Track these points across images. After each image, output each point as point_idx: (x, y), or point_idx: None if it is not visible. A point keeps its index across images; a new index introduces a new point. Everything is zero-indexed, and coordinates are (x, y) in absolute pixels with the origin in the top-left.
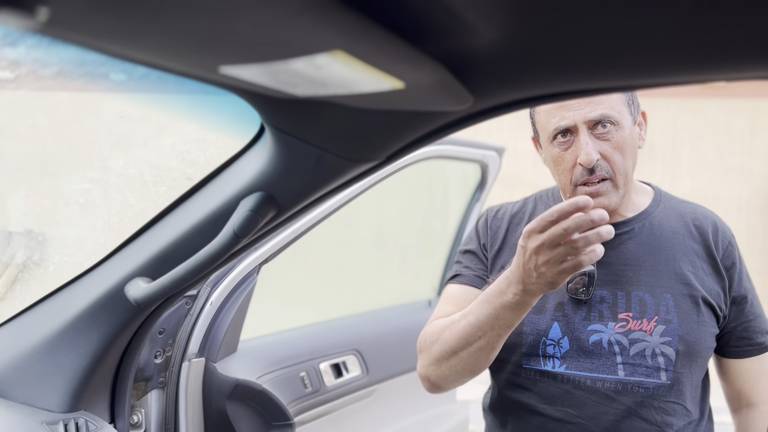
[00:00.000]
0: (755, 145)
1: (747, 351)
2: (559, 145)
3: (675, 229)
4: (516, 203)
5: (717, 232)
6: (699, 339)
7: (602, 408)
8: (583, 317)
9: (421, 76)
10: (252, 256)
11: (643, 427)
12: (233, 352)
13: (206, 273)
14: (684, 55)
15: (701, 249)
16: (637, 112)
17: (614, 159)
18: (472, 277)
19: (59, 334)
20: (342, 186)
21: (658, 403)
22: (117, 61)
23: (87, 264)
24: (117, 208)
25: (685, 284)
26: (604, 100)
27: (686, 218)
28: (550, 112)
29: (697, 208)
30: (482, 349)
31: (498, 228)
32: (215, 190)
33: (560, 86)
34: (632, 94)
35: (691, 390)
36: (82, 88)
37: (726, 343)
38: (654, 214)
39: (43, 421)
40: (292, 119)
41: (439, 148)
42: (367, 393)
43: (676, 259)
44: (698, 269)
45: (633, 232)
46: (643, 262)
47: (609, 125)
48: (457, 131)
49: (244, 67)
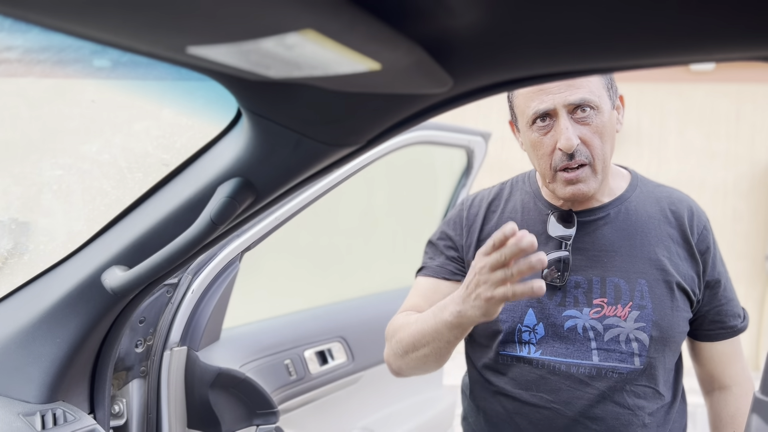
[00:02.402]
0: (741, 131)
1: (719, 334)
2: (538, 130)
3: (651, 214)
4: (492, 188)
5: (692, 217)
6: (672, 324)
7: (576, 393)
8: (558, 303)
9: (397, 57)
10: (234, 244)
11: (616, 411)
12: (216, 340)
13: (184, 261)
14: (666, 36)
15: (677, 234)
16: (616, 96)
17: (594, 144)
18: (435, 269)
19: (35, 324)
20: (322, 171)
21: (631, 387)
22: (92, 45)
23: (62, 253)
24: (92, 195)
25: (659, 270)
26: (584, 83)
27: (662, 203)
28: (529, 96)
29: (672, 192)
30: (427, 356)
31: (475, 216)
32: (192, 176)
33: (542, 68)
34: (611, 78)
35: (663, 374)
36: (64, 75)
37: (699, 327)
38: (630, 198)
39: (20, 413)
40: (268, 103)
41: (425, 133)
42: (353, 380)
43: (651, 244)
44: (673, 254)
45: (609, 217)
46: (618, 247)
47: (589, 109)
48: (438, 115)
49: (212, 47)
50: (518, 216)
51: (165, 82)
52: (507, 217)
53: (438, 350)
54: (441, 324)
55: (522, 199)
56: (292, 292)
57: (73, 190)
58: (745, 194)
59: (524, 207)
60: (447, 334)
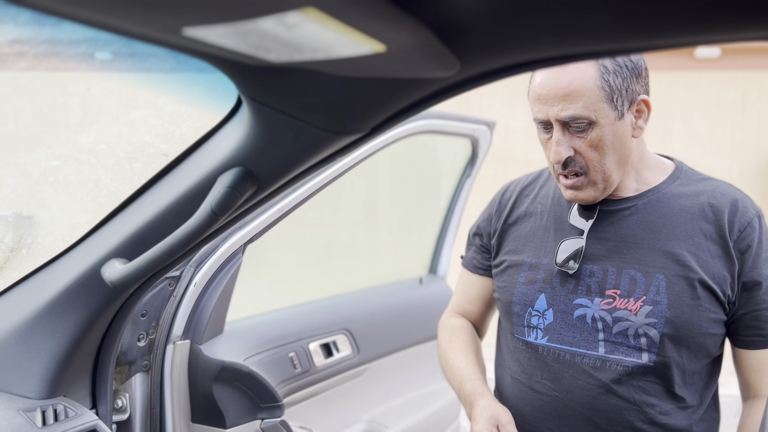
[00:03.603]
0: (747, 118)
1: (756, 342)
2: (542, 132)
3: (685, 207)
4: (532, 174)
5: (735, 213)
6: (692, 323)
7: (579, 383)
8: (570, 290)
9: (402, 37)
10: (236, 236)
11: (619, 404)
12: (219, 333)
13: (185, 253)
14: (681, 16)
15: (712, 230)
16: (628, 103)
17: (589, 156)
18: (469, 261)
19: (34, 319)
20: (325, 160)
21: (637, 382)
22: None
23: (61, 246)
24: (90, 186)
25: (681, 266)
26: (578, 97)
27: (702, 197)
28: (533, 101)
29: (718, 186)
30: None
31: (508, 201)
32: (192, 166)
33: (552, 50)
34: (620, 87)
35: (681, 375)
36: (67, 68)
37: (735, 331)
38: (666, 190)
39: (20, 408)
40: (268, 89)
41: (429, 122)
42: (358, 372)
43: (677, 239)
44: (703, 251)
45: (635, 208)
46: (640, 239)
47: (584, 124)
48: (444, 100)
49: (209, 28)
50: (548, 202)
51: (164, 74)
52: (538, 203)
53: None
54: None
55: (555, 186)
56: (296, 284)
57: (71, 181)
58: (751, 182)
59: (555, 194)
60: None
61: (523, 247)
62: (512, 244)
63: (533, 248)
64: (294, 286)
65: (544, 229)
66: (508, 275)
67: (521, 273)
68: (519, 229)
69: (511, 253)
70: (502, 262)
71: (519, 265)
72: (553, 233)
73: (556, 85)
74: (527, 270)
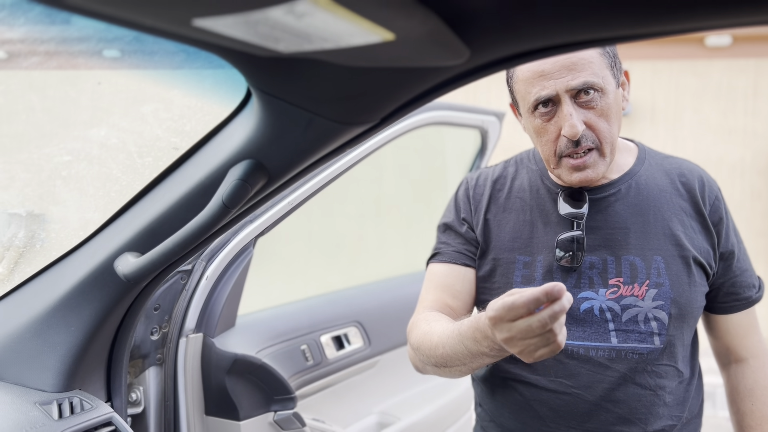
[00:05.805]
0: (758, 107)
1: (734, 306)
2: (540, 116)
3: (662, 186)
4: (496, 167)
5: (704, 187)
6: (691, 300)
7: (596, 376)
8: (573, 285)
9: (411, 25)
10: (248, 229)
11: (638, 392)
12: (231, 326)
13: (196, 246)
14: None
15: (689, 206)
16: (620, 74)
17: (600, 127)
18: (452, 254)
19: (49, 313)
20: (336, 151)
21: (652, 367)
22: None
23: (75, 240)
24: (102, 181)
25: (676, 245)
26: (585, 65)
27: (672, 174)
28: (530, 81)
29: (682, 163)
30: (461, 372)
31: (481, 196)
32: (202, 159)
33: (563, 37)
34: (613, 55)
35: (682, 350)
36: (76, 66)
37: (714, 300)
38: (640, 173)
39: (37, 401)
40: (278, 80)
41: (437, 113)
42: (370, 364)
43: (665, 219)
44: (688, 228)
45: (620, 193)
46: (632, 224)
47: (593, 92)
48: (455, 89)
49: (219, 19)
50: (526, 195)
51: (174, 70)
52: (515, 197)
53: (475, 368)
54: (478, 354)
55: (529, 178)
56: (307, 277)
57: (83, 176)
58: (763, 171)
59: (531, 186)
60: (488, 360)
61: (511, 245)
62: (497, 241)
63: (522, 245)
64: (306, 280)
65: (530, 224)
66: (500, 275)
67: (516, 272)
68: (501, 226)
69: (498, 252)
70: (488, 262)
71: (511, 263)
72: (542, 227)
73: (561, 57)
74: (522, 268)
